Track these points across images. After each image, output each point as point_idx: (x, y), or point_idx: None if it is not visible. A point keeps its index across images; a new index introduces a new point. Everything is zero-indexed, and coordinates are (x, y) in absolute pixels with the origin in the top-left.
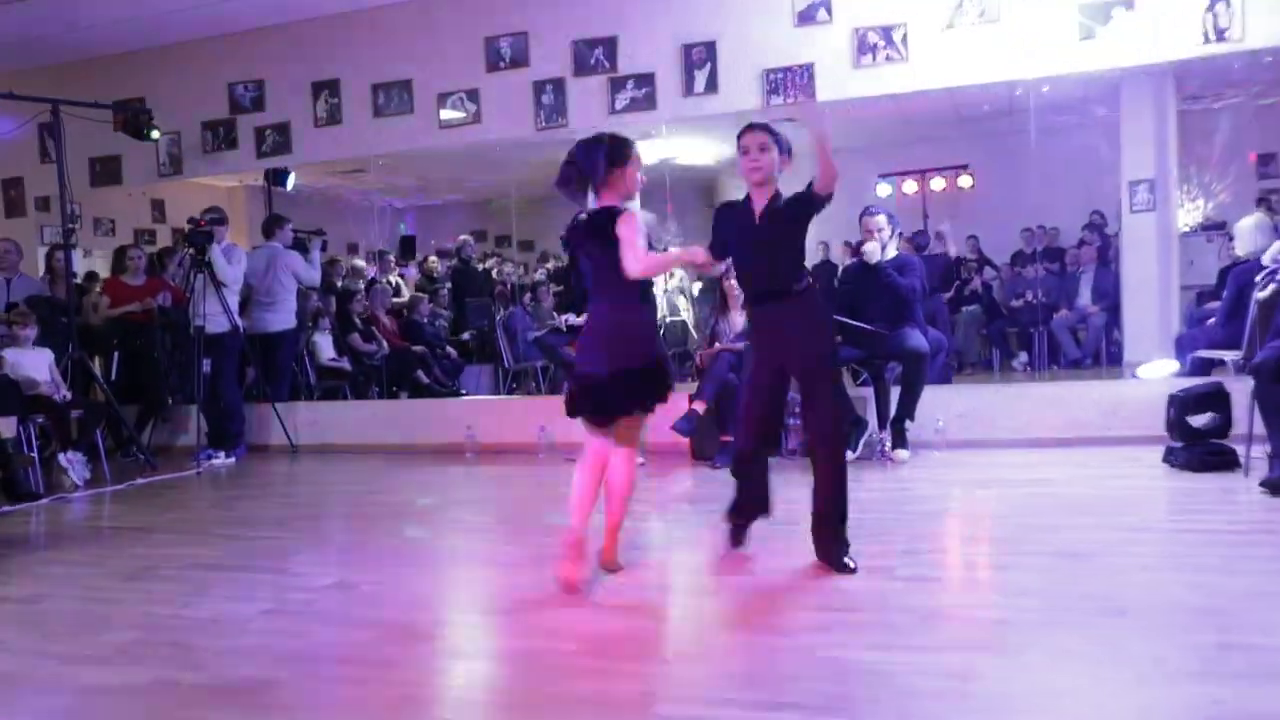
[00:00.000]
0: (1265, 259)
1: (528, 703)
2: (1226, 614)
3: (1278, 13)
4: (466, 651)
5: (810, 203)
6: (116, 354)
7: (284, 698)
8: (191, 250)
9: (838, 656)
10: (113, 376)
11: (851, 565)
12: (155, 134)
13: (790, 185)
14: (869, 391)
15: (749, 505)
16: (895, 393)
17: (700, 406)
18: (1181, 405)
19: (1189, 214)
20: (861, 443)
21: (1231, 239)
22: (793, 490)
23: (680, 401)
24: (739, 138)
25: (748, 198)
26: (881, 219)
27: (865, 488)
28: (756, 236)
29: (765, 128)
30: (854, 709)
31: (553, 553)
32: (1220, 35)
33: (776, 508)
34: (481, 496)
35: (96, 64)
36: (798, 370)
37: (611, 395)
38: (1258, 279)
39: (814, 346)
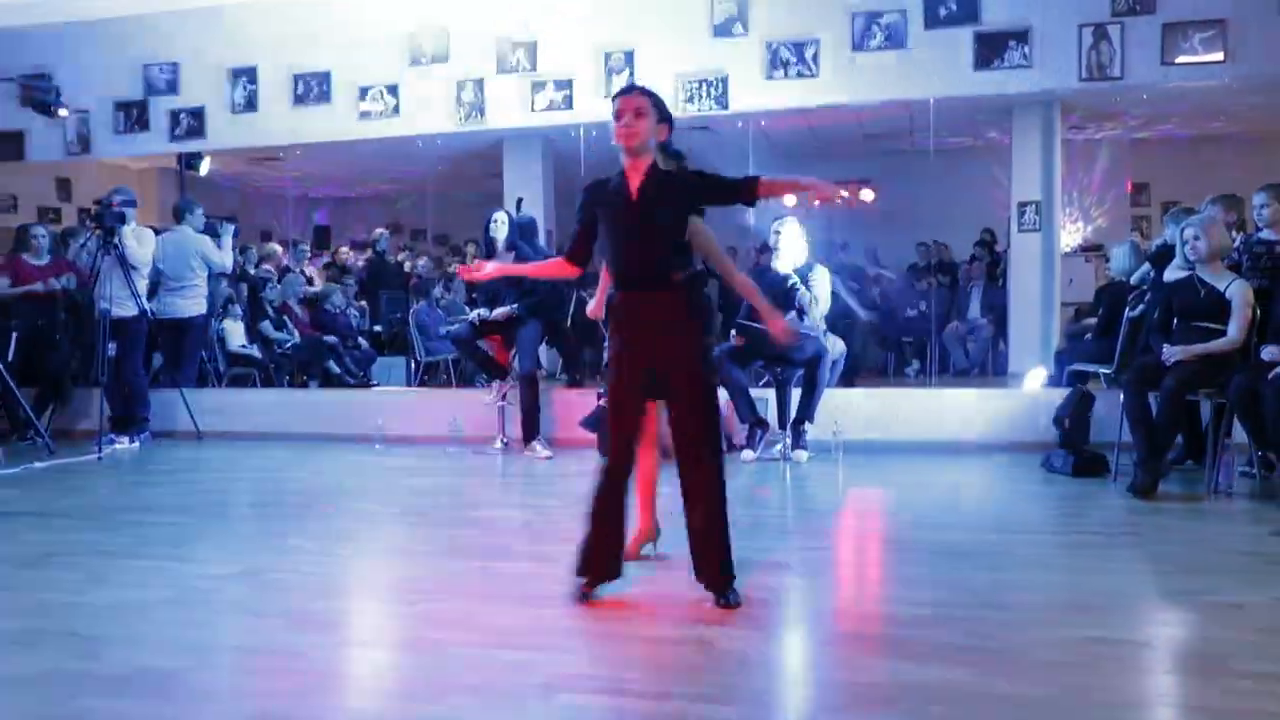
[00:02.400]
0: (1134, 281)
1: (431, 692)
2: (1095, 610)
3: (1153, 53)
4: (370, 640)
5: (729, 191)
6: (15, 335)
7: (185, 687)
8: (99, 231)
9: (734, 649)
10: (9, 358)
11: (736, 600)
12: (64, 111)
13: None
14: (771, 394)
15: (603, 556)
16: (796, 395)
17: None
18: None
19: (1070, 235)
20: (761, 443)
21: (1107, 260)
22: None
23: (589, 398)
24: (613, 100)
25: (621, 174)
26: (790, 224)
27: (766, 487)
28: (629, 218)
29: (644, 90)
30: (747, 700)
31: (456, 544)
32: (1102, 72)
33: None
34: (388, 487)
35: (2, 36)
36: (671, 371)
37: None
38: (1129, 298)
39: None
